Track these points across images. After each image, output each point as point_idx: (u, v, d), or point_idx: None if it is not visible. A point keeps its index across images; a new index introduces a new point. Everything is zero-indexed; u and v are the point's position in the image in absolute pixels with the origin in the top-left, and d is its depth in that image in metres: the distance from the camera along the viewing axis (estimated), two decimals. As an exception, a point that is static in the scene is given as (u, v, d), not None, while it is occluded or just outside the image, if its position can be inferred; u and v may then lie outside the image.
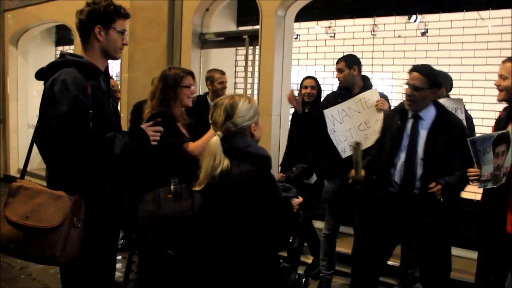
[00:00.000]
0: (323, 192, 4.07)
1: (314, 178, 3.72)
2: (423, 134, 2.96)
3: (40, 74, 2.27)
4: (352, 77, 3.90)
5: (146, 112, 2.98)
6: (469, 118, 3.63)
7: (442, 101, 3.58)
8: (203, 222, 2.02)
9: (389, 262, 4.35)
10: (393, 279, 4.22)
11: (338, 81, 3.98)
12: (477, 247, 3.03)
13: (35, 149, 2.27)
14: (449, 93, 3.88)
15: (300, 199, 2.30)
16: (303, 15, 5.51)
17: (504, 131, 2.67)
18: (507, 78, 2.71)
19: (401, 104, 3.16)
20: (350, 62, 3.92)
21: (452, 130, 2.92)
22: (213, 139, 2.09)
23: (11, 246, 2.08)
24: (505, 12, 4.44)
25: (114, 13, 2.28)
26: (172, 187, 2.12)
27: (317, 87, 4.26)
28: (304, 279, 2.17)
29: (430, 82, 2.93)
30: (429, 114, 2.98)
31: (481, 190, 2.86)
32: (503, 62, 2.81)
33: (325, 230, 4.10)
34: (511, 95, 2.71)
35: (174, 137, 2.86)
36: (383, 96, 3.80)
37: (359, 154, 3.28)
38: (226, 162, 2.03)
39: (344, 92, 3.91)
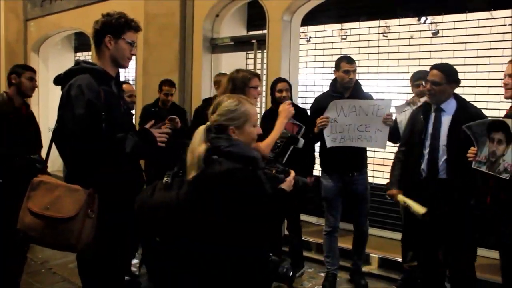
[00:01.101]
0: (322, 190, 4.15)
1: (302, 142, 3.56)
2: (445, 124, 3.24)
3: (58, 80, 2.52)
4: (354, 80, 4.05)
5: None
6: None
7: (424, 98, 3.79)
8: (186, 213, 2.02)
9: (391, 257, 4.54)
10: (396, 274, 4.37)
11: (349, 82, 3.98)
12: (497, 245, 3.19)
13: (55, 151, 2.50)
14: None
15: (292, 174, 2.25)
16: (314, 18, 5.66)
17: (502, 119, 2.87)
18: None
19: (425, 103, 3.44)
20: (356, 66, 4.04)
21: (472, 118, 3.09)
22: (200, 127, 2.15)
23: (33, 234, 2.31)
24: (507, 12, 4.52)
25: (125, 25, 2.53)
26: (165, 178, 2.14)
27: (290, 89, 4.31)
28: (291, 272, 2.21)
29: (447, 78, 3.21)
30: (450, 106, 3.26)
31: None
32: (510, 61, 2.99)
33: (326, 227, 4.20)
34: None
35: None
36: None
37: (408, 202, 3.33)
38: (201, 149, 2.04)
39: (338, 95, 4.00)
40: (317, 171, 4.45)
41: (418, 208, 3.19)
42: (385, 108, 3.88)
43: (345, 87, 4.02)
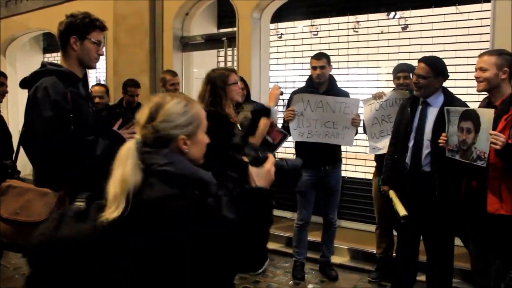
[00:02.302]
0: None
1: (275, 111, 3.41)
2: (430, 118, 3.27)
3: (24, 83, 2.48)
4: (329, 75, 4.09)
5: None
6: None
7: (390, 93, 3.95)
8: (106, 255, 1.50)
9: (364, 248, 4.64)
10: (369, 265, 4.46)
11: (317, 78, 4.03)
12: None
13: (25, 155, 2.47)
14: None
15: (270, 160, 1.79)
16: (284, 15, 5.70)
17: (471, 108, 2.96)
18: (487, 70, 2.95)
19: (413, 95, 3.45)
20: (329, 60, 4.09)
21: None
22: (127, 143, 1.59)
23: (5, 240, 2.28)
24: (472, 6, 4.62)
25: (90, 25, 2.48)
26: (76, 204, 1.63)
27: (246, 86, 4.32)
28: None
29: (434, 72, 3.24)
30: (437, 100, 3.28)
31: None
32: (480, 56, 3.06)
33: (298, 220, 4.28)
34: (491, 85, 2.96)
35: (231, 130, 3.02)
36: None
37: (395, 200, 3.40)
38: (138, 175, 1.50)
39: (313, 89, 4.05)
40: None
41: (401, 209, 3.25)
42: (353, 107, 3.99)
43: (319, 82, 4.07)
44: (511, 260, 2.74)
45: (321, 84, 4.07)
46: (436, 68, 3.26)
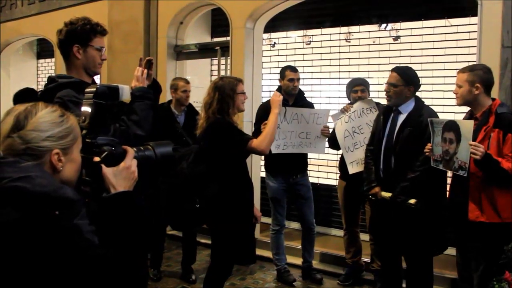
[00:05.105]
0: (268, 190, 4.39)
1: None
2: (399, 124, 3.37)
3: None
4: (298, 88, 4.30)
5: (201, 121, 3.23)
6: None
7: (356, 104, 4.10)
8: None
9: (335, 253, 4.81)
10: (340, 268, 4.60)
11: (293, 90, 4.25)
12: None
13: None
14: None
15: (129, 153, 1.51)
16: (277, 25, 5.80)
17: (453, 119, 3.07)
18: (461, 86, 3.07)
19: (386, 105, 3.57)
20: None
21: (423, 120, 3.26)
22: None
23: None
24: (461, 20, 4.73)
25: (91, 32, 2.38)
26: None
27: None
28: None
29: (405, 81, 3.36)
30: (408, 108, 3.39)
31: None
32: (458, 72, 3.17)
33: (273, 226, 4.44)
34: (465, 101, 3.09)
35: (239, 136, 3.17)
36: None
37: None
38: None
39: (284, 102, 4.08)
40: (263, 172, 4.76)
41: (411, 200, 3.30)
42: (323, 117, 4.19)
43: (290, 94, 4.25)
44: (494, 266, 2.80)
45: (291, 96, 4.26)
46: (407, 77, 3.38)
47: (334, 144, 4.24)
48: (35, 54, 9.20)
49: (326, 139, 4.22)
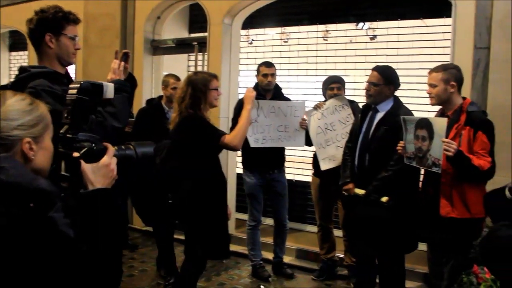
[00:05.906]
0: (245, 186, 4.41)
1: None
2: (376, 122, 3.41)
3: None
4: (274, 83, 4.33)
5: (174, 115, 3.22)
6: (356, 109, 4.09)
7: (329, 101, 4.16)
8: None
9: (309, 248, 4.87)
10: (315, 264, 4.66)
11: (268, 85, 4.29)
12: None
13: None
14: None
15: (109, 150, 1.50)
16: (256, 22, 5.79)
17: (425, 117, 3.10)
18: (436, 85, 3.11)
19: (366, 103, 3.61)
20: (275, 68, 4.34)
21: (396, 122, 3.27)
22: None
23: None
24: (436, 21, 4.78)
25: (63, 20, 2.27)
26: None
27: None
28: None
29: (384, 80, 3.40)
30: (385, 107, 3.43)
31: None
32: (430, 72, 3.22)
33: (250, 221, 4.46)
34: (441, 100, 3.14)
35: (211, 131, 3.16)
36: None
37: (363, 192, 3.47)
38: None
39: (260, 97, 4.17)
40: (239, 169, 4.75)
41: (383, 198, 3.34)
42: (300, 110, 4.19)
43: (266, 89, 4.28)
44: (463, 261, 2.87)
45: (268, 91, 4.28)
46: (387, 76, 3.43)
47: (307, 140, 4.27)
48: (7, 47, 9.00)
49: (305, 132, 4.23)
